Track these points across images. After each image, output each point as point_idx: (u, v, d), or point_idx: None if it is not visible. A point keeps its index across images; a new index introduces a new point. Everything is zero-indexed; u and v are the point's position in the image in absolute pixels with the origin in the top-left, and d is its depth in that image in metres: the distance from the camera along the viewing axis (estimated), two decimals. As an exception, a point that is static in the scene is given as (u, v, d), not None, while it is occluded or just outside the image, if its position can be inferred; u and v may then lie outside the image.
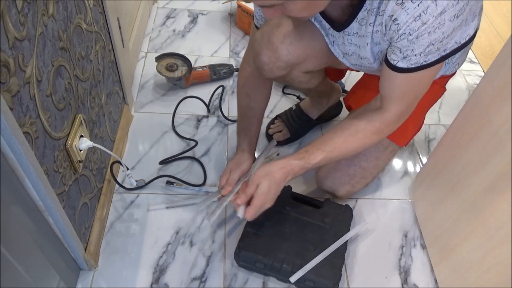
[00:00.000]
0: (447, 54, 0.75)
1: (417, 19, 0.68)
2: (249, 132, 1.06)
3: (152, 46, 1.55)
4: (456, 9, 0.67)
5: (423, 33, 0.69)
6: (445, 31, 0.69)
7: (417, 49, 0.72)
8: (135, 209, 1.08)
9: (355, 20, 0.77)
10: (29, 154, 0.62)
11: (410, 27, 0.69)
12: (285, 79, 1.01)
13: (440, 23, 0.68)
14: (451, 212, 0.95)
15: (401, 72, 0.77)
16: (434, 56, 0.74)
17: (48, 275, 0.79)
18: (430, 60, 0.74)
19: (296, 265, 0.93)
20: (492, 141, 0.82)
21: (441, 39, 0.70)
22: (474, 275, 0.87)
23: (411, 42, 0.71)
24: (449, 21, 0.68)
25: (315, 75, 1.04)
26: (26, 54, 0.61)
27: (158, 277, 0.96)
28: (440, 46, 0.72)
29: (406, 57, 0.74)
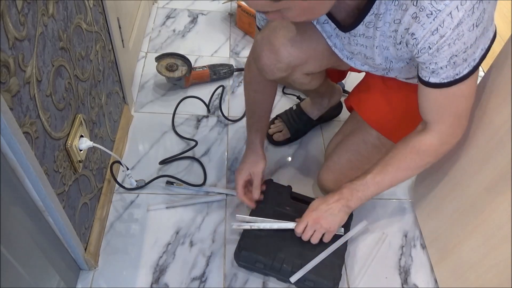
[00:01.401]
0: (477, 64, 0.73)
1: (435, 33, 0.67)
2: (260, 127, 1.07)
3: (152, 46, 1.55)
4: (473, 18, 0.66)
5: (443, 45, 0.68)
6: (467, 41, 0.68)
7: (441, 62, 0.70)
8: (135, 209, 1.08)
9: (362, 23, 0.77)
10: (29, 154, 0.62)
11: (429, 41, 0.68)
12: (286, 81, 1.01)
13: (459, 34, 0.67)
14: (451, 212, 0.95)
15: (435, 88, 0.75)
16: (464, 67, 0.72)
17: (48, 275, 0.79)
18: (462, 73, 0.72)
19: (296, 265, 0.93)
20: (492, 141, 0.82)
21: (464, 49, 0.69)
22: (474, 275, 0.87)
23: (433, 55, 0.70)
24: (468, 31, 0.67)
25: (316, 77, 1.04)
26: (26, 54, 0.61)
27: (158, 277, 0.96)
28: (466, 57, 0.70)
29: (434, 72, 0.73)
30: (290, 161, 1.25)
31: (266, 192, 1.06)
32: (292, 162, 1.24)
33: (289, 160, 1.25)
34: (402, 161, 0.88)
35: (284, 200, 1.05)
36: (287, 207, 1.03)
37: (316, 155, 1.27)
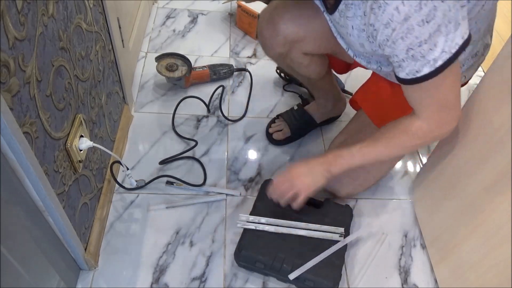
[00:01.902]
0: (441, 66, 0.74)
1: (388, 26, 0.70)
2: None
3: (152, 46, 1.55)
4: (422, 14, 0.68)
5: (397, 38, 0.70)
6: (419, 36, 0.69)
7: (400, 54, 0.73)
8: (135, 209, 1.08)
9: (337, 10, 0.79)
10: (29, 154, 0.62)
11: (385, 34, 0.71)
12: (285, 61, 1.03)
13: (408, 28, 0.69)
14: (451, 212, 0.95)
15: (406, 84, 0.77)
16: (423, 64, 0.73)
17: (48, 275, 0.79)
18: (422, 71, 0.74)
19: (296, 265, 0.93)
20: (492, 141, 0.82)
21: (418, 43, 0.70)
22: (474, 275, 0.87)
23: (392, 47, 0.72)
24: (418, 26, 0.69)
25: (315, 61, 1.04)
26: (26, 54, 0.61)
27: (158, 277, 0.96)
28: (424, 53, 0.71)
29: (400, 66, 0.75)
30: (290, 161, 1.25)
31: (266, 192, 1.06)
32: (292, 162, 1.24)
33: (289, 160, 1.25)
34: (391, 139, 0.88)
35: (284, 200, 1.05)
36: (287, 207, 1.03)
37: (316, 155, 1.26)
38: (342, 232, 0.99)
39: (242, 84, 1.46)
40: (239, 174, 1.19)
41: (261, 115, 1.36)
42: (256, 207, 1.03)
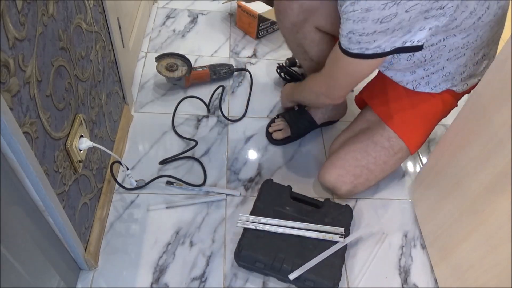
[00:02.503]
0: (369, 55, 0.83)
1: (352, 4, 0.76)
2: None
3: (152, 46, 1.55)
4: (381, 14, 0.74)
5: (350, 18, 0.77)
6: (366, 28, 0.77)
7: (343, 30, 0.81)
8: (135, 209, 1.08)
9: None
10: (29, 154, 0.62)
11: (347, 9, 0.77)
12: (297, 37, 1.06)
13: (363, 18, 0.75)
14: (451, 212, 0.95)
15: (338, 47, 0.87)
16: (355, 47, 0.82)
17: (48, 275, 0.79)
18: (352, 50, 0.83)
19: (296, 265, 0.93)
20: (492, 141, 0.82)
21: (360, 33, 0.78)
22: (474, 275, 0.87)
23: (343, 21, 0.80)
24: (372, 21, 0.75)
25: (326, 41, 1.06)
26: (26, 54, 0.61)
27: (158, 277, 0.96)
28: (360, 40, 0.80)
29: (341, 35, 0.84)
30: (290, 161, 1.25)
31: (266, 192, 1.06)
32: (292, 162, 1.24)
33: (289, 160, 1.25)
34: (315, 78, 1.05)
35: (284, 200, 1.05)
36: (287, 207, 1.03)
37: (316, 155, 1.27)
38: (342, 232, 0.99)
39: (242, 84, 1.46)
40: (239, 174, 1.19)
41: (261, 115, 1.36)
42: (256, 207, 1.03)
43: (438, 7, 0.75)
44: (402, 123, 1.06)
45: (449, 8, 0.76)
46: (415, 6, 0.73)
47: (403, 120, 1.06)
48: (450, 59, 0.94)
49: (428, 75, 0.98)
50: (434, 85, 1.00)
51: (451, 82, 1.00)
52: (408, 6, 0.73)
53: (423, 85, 1.01)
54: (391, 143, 1.07)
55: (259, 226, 0.98)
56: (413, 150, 1.08)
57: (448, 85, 1.01)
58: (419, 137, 1.08)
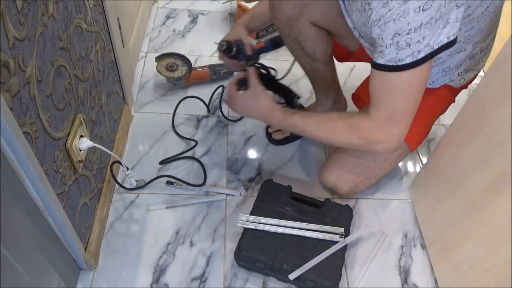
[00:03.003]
0: (421, 59, 0.75)
1: (385, 6, 0.70)
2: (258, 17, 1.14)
3: (152, 46, 1.55)
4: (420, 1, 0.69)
5: (389, 19, 0.71)
6: (411, 22, 0.70)
7: (386, 38, 0.73)
8: (135, 209, 1.08)
9: None
10: (29, 154, 0.62)
11: (380, 13, 0.72)
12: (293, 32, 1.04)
13: (404, 11, 0.69)
14: (451, 212, 0.95)
15: (379, 70, 0.78)
16: (407, 54, 0.74)
17: (48, 275, 0.79)
18: (404, 61, 0.75)
19: (296, 265, 0.93)
20: (492, 141, 0.82)
21: (407, 30, 0.71)
22: (474, 275, 0.87)
23: (381, 29, 0.73)
24: (414, 11, 0.69)
25: (322, 36, 1.05)
26: (26, 54, 0.61)
27: (158, 277, 0.96)
28: (409, 41, 0.73)
29: (382, 52, 0.76)
30: (290, 161, 1.25)
31: (266, 192, 1.06)
32: (292, 162, 1.24)
33: (289, 160, 1.25)
34: (333, 128, 0.92)
35: (284, 200, 1.05)
36: (287, 207, 1.03)
37: (316, 155, 1.27)
38: (342, 232, 0.99)
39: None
40: (239, 174, 1.19)
41: (261, 115, 1.36)
42: (256, 207, 1.03)
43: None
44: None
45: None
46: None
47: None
48: (452, 54, 0.93)
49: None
50: (432, 80, 1.00)
51: (449, 77, 1.00)
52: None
53: None
54: None
55: (259, 226, 0.98)
56: (413, 146, 1.08)
57: (446, 80, 1.01)
58: (418, 134, 1.08)
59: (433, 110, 1.07)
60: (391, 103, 0.83)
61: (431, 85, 1.01)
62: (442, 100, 1.05)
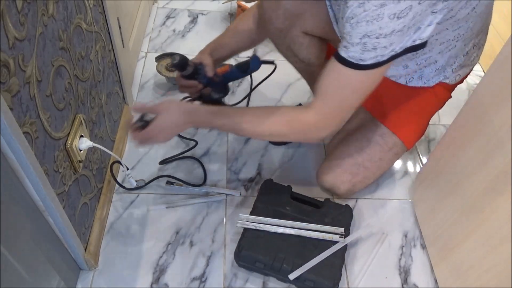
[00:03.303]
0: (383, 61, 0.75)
1: (361, 5, 0.70)
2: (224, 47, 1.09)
3: (152, 46, 1.55)
4: (397, 8, 0.68)
5: (363, 20, 0.70)
6: (383, 27, 0.70)
7: (355, 36, 0.73)
8: (135, 209, 1.08)
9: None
10: (29, 154, 0.62)
11: (354, 12, 0.71)
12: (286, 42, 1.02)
13: (379, 15, 0.69)
14: (451, 212, 0.95)
15: (339, 62, 0.77)
16: (371, 56, 0.74)
17: (48, 275, 0.79)
18: (366, 62, 0.75)
19: (296, 265, 0.93)
20: (492, 141, 0.82)
21: (377, 34, 0.71)
22: (474, 275, 0.87)
23: (352, 27, 0.72)
24: (388, 18, 0.69)
25: (315, 43, 1.04)
26: (26, 54, 0.61)
27: (158, 277, 0.96)
28: (376, 45, 0.72)
29: (346, 46, 0.75)
30: (290, 161, 1.25)
31: (266, 192, 1.06)
32: (292, 162, 1.24)
33: (289, 160, 1.25)
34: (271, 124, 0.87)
35: (284, 200, 1.05)
36: (287, 207, 1.03)
37: (316, 155, 1.27)
38: (342, 232, 0.99)
39: (242, 84, 1.46)
40: (239, 174, 1.19)
41: (261, 115, 1.36)
42: (256, 207, 1.03)
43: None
44: (394, 119, 1.07)
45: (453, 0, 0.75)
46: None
47: (396, 116, 1.07)
48: (442, 52, 0.93)
49: (421, 68, 0.98)
50: (427, 79, 1.00)
51: (443, 75, 1.00)
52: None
53: (416, 80, 1.01)
54: (384, 140, 1.07)
55: (259, 226, 0.98)
56: (409, 144, 1.08)
57: (441, 78, 1.00)
58: (414, 131, 1.08)
59: (428, 108, 1.07)
60: (340, 98, 0.83)
61: (426, 83, 1.01)
62: (438, 97, 1.05)
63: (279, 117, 0.87)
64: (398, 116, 1.07)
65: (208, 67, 1.03)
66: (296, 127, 0.87)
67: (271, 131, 0.89)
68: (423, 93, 1.03)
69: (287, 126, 0.87)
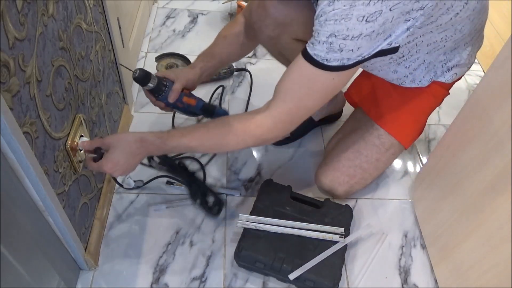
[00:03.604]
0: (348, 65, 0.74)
1: (330, 4, 0.69)
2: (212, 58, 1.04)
3: (152, 46, 1.55)
4: (366, 11, 0.67)
5: (331, 18, 0.69)
6: (350, 29, 0.69)
7: (322, 34, 0.72)
8: (135, 209, 1.08)
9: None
10: (29, 154, 0.62)
11: (324, 10, 0.70)
12: (277, 48, 1.02)
13: (347, 15, 0.68)
14: (451, 212, 0.95)
15: (303, 57, 0.76)
16: (335, 58, 0.73)
17: (48, 275, 0.79)
18: (330, 63, 0.74)
19: (296, 265, 0.93)
20: (492, 141, 0.82)
21: (344, 36, 0.70)
22: (474, 275, 0.87)
23: (320, 24, 0.72)
24: (357, 19, 0.68)
25: None
26: (26, 54, 0.61)
27: (158, 277, 0.96)
28: (343, 47, 0.71)
29: (313, 43, 0.74)
30: (290, 161, 1.25)
31: (266, 192, 1.06)
32: (292, 162, 1.24)
33: (289, 160, 1.25)
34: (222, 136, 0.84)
35: (284, 200, 1.05)
36: (287, 207, 1.03)
37: (316, 155, 1.27)
38: (342, 232, 0.99)
39: (242, 84, 1.46)
40: (239, 174, 1.19)
41: (261, 115, 1.36)
42: (256, 207, 1.03)
43: (419, 7, 0.72)
44: (391, 120, 1.06)
45: (428, 7, 0.73)
46: (398, 5, 0.69)
47: (392, 116, 1.06)
48: (430, 52, 0.92)
49: (411, 72, 0.97)
50: (419, 79, 0.99)
51: (434, 72, 0.98)
52: (392, 3, 0.68)
53: (408, 83, 1.00)
54: (381, 140, 1.07)
55: (259, 226, 0.98)
56: (406, 144, 1.08)
57: (432, 75, 0.99)
58: (411, 131, 1.08)
59: (425, 107, 1.06)
60: (300, 96, 0.81)
61: (420, 84, 1.00)
62: (435, 96, 1.04)
63: (230, 128, 0.84)
64: (394, 117, 1.06)
65: (173, 92, 0.97)
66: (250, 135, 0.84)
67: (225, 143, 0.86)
68: (420, 93, 1.03)
69: (240, 136, 0.84)
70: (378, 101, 1.08)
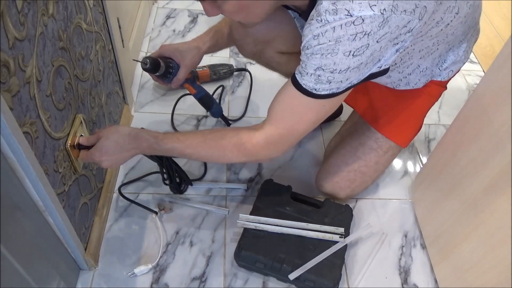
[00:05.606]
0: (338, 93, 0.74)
1: (316, 38, 0.68)
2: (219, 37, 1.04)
3: (152, 46, 1.55)
4: (352, 46, 0.67)
5: (317, 52, 0.69)
6: (337, 63, 0.69)
7: (309, 67, 0.71)
8: (135, 209, 1.08)
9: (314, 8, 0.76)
10: (29, 154, 0.62)
11: (309, 43, 0.69)
12: (262, 60, 1.03)
13: (334, 50, 0.67)
14: (451, 212, 0.95)
15: (293, 85, 0.76)
16: (324, 89, 0.73)
17: (48, 275, 0.79)
18: (319, 91, 0.73)
19: (296, 265, 0.93)
20: (492, 141, 0.82)
21: (332, 69, 0.69)
22: (474, 275, 0.87)
23: (307, 57, 0.71)
24: (343, 54, 0.67)
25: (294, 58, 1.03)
26: (26, 54, 0.61)
27: (158, 277, 0.96)
28: (331, 79, 0.71)
29: (302, 73, 0.74)
30: (290, 161, 1.25)
31: (266, 192, 1.06)
32: (292, 162, 1.24)
33: (289, 160, 1.25)
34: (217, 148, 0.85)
35: (284, 200, 1.05)
36: (287, 207, 1.03)
37: (316, 155, 1.27)
38: (342, 232, 0.99)
39: (242, 84, 1.46)
40: (239, 174, 1.19)
41: (261, 115, 1.36)
42: (256, 207, 1.03)
43: (407, 31, 0.70)
44: (387, 123, 1.06)
45: (416, 28, 0.71)
46: (385, 35, 0.67)
47: (389, 120, 1.06)
48: (423, 57, 0.91)
49: (405, 76, 0.96)
50: (415, 82, 0.98)
51: (431, 75, 0.98)
52: (379, 36, 0.67)
53: (403, 86, 0.99)
54: (378, 144, 1.07)
55: (259, 226, 0.98)
56: (404, 144, 1.08)
57: (428, 78, 0.98)
58: (408, 132, 1.07)
59: (422, 107, 1.05)
60: (291, 123, 0.81)
61: (415, 86, 0.99)
62: (431, 95, 1.03)
63: (225, 141, 0.84)
64: (391, 120, 1.06)
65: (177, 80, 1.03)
66: (243, 151, 0.84)
67: (219, 155, 0.86)
68: (416, 94, 1.02)
69: (234, 151, 0.84)
70: (373, 104, 1.08)
